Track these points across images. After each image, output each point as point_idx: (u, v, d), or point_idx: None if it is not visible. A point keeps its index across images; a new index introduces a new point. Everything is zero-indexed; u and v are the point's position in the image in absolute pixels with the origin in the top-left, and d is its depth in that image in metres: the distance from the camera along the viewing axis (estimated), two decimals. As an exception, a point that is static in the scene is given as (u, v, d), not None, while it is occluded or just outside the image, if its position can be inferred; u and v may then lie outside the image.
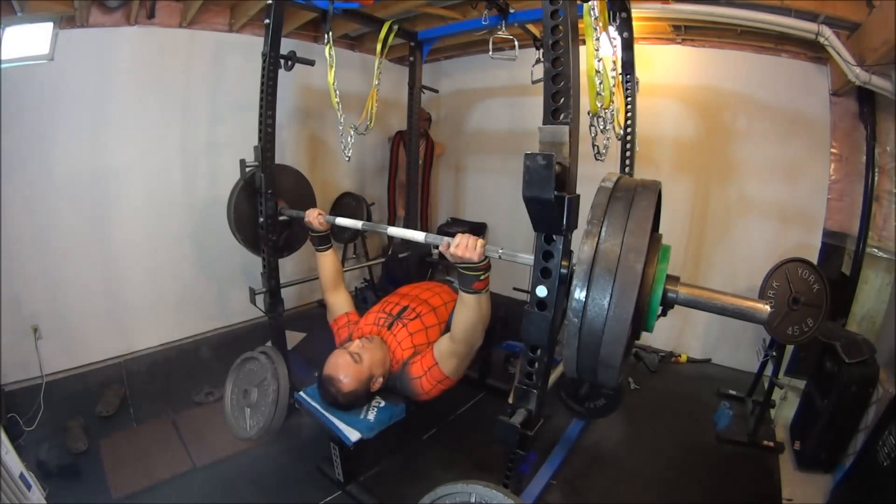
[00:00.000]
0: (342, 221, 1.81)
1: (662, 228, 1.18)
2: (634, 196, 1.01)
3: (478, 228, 4.07)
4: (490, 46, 2.04)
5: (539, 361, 1.20)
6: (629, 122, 2.07)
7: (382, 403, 1.70)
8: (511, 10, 2.00)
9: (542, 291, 1.11)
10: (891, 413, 1.72)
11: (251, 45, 2.93)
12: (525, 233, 3.68)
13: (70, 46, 2.38)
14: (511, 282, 2.67)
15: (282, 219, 2.14)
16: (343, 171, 3.90)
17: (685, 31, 2.85)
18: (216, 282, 3.28)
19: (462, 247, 1.29)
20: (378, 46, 2.22)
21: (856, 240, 2.48)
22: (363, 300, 3.63)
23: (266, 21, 1.88)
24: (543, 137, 1.04)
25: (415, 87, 2.70)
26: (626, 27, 1.90)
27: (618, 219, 0.98)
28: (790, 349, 2.44)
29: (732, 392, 2.69)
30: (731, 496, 1.98)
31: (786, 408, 2.48)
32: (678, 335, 3.23)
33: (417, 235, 1.55)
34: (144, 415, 2.34)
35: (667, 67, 2.99)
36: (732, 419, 2.38)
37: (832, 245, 2.68)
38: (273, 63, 1.92)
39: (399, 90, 3.46)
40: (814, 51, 2.52)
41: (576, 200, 1.06)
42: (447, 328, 1.75)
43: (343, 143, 2.12)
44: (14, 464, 1.49)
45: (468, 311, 1.44)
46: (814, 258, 2.60)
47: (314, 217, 1.87)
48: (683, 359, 3.15)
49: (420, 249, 3.00)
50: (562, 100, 1.03)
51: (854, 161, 2.59)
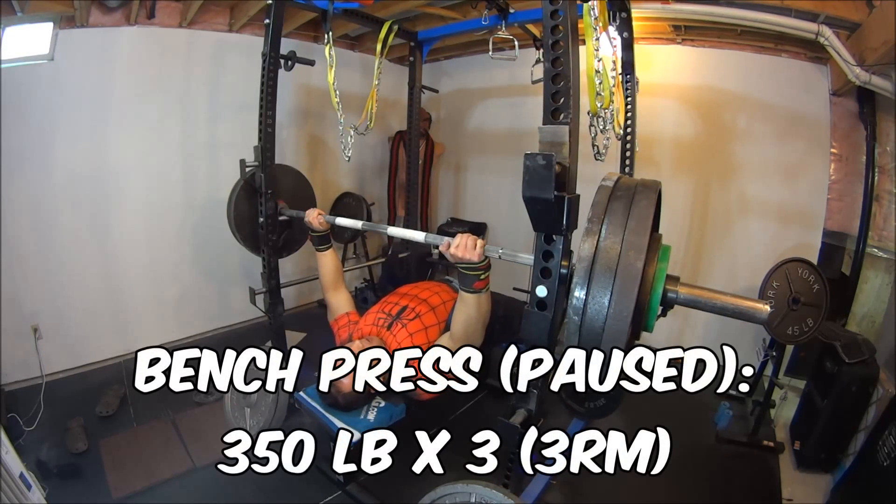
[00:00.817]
0: (342, 221, 1.81)
1: (662, 228, 1.18)
2: (634, 195, 1.01)
3: (478, 228, 4.07)
4: (490, 46, 2.05)
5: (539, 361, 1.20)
6: (629, 122, 2.07)
7: (382, 403, 1.70)
8: (511, 10, 2.00)
9: (542, 291, 1.11)
10: (891, 413, 1.72)
11: (251, 45, 2.93)
12: (525, 233, 3.68)
13: (70, 46, 2.38)
14: (511, 282, 2.67)
15: (282, 219, 2.14)
16: (343, 171, 3.90)
17: (685, 31, 2.85)
18: (216, 282, 3.28)
19: (462, 247, 1.29)
20: (378, 46, 2.22)
21: (856, 240, 2.48)
22: (363, 300, 3.63)
23: (266, 21, 1.89)
24: (543, 137, 1.04)
25: (415, 87, 2.70)
26: (626, 27, 1.90)
27: (618, 217, 0.98)
28: (790, 349, 2.43)
29: (732, 392, 2.69)
30: (731, 496, 1.98)
31: (786, 408, 2.48)
32: (678, 335, 3.23)
33: (417, 235, 1.55)
34: (144, 415, 2.34)
35: (667, 67, 2.99)
36: (732, 419, 2.38)
37: (832, 245, 2.67)
38: (273, 63, 1.92)
39: (399, 90, 3.46)
40: (814, 51, 2.52)
41: (576, 200, 1.07)
42: (447, 327, 1.74)
43: (343, 143, 2.12)
44: (14, 464, 1.49)
45: (468, 311, 1.44)
46: (814, 258, 2.60)
47: (314, 217, 1.86)
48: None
49: (420, 249, 2.99)
50: (562, 100, 1.03)
51: (854, 161, 2.59)
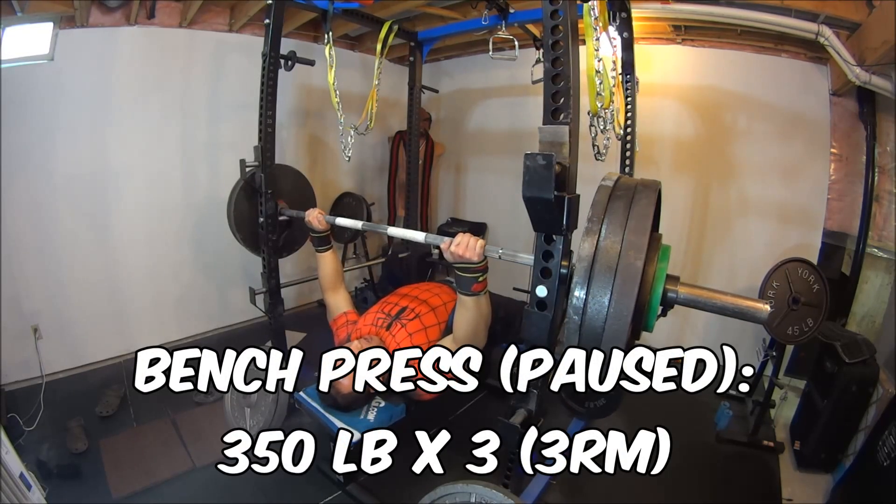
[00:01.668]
0: (342, 221, 1.80)
1: (662, 228, 1.18)
2: (634, 195, 1.00)
3: (478, 228, 4.07)
4: (490, 46, 2.04)
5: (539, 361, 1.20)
6: (629, 122, 2.07)
7: (382, 403, 1.70)
8: (511, 10, 2.00)
9: (542, 291, 1.11)
10: (891, 413, 1.72)
11: (251, 45, 2.93)
12: (525, 233, 3.69)
13: (70, 46, 2.37)
14: (511, 282, 2.66)
15: (282, 219, 2.14)
16: (343, 171, 3.90)
17: (685, 31, 2.85)
18: (216, 282, 3.28)
19: (462, 246, 1.29)
20: (378, 46, 2.22)
21: (856, 240, 2.48)
22: (363, 300, 3.63)
23: (266, 21, 1.89)
24: (543, 137, 1.04)
25: (415, 87, 2.70)
26: (626, 27, 1.90)
27: (618, 217, 0.97)
28: (790, 349, 2.44)
29: (732, 392, 2.69)
30: (731, 496, 1.98)
31: (786, 408, 2.48)
32: (678, 335, 3.23)
33: (417, 235, 1.54)
34: (144, 415, 2.34)
35: (667, 67, 2.99)
36: (732, 419, 2.38)
37: (832, 245, 2.67)
38: (273, 63, 1.92)
39: (399, 90, 3.47)
40: (814, 51, 2.52)
41: (576, 200, 1.07)
42: (447, 328, 1.74)
43: (343, 143, 2.12)
44: (14, 464, 1.49)
45: (469, 314, 1.44)
46: (814, 258, 2.60)
47: (314, 217, 1.86)
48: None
49: (420, 249, 3.00)
50: (562, 100, 1.03)
51: (854, 161, 2.59)
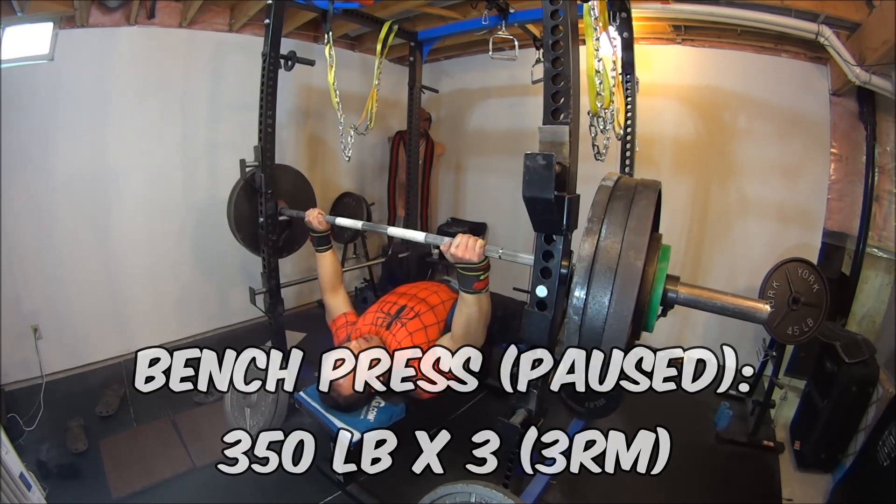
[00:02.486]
0: (342, 221, 1.80)
1: (662, 228, 1.18)
2: (635, 195, 1.01)
3: (478, 228, 4.07)
4: (490, 46, 2.05)
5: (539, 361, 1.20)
6: (629, 122, 2.07)
7: (382, 404, 1.70)
8: (511, 10, 2.00)
9: (542, 291, 1.11)
10: (891, 413, 1.72)
11: (251, 45, 2.93)
12: (525, 233, 3.69)
13: (70, 46, 2.38)
14: (511, 282, 2.66)
15: (282, 219, 2.14)
16: (343, 171, 3.90)
17: (685, 31, 2.85)
18: (216, 282, 3.28)
19: (462, 247, 1.29)
20: (378, 46, 2.22)
21: (856, 240, 2.48)
22: (363, 300, 3.63)
23: (266, 21, 1.89)
24: (543, 137, 1.04)
25: (415, 87, 2.70)
26: (626, 27, 1.90)
27: (618, 217, 0.98)
28: (790, 349, 2.43)
29: (732, 392, 2.69)
30: (731, 496, 1.98)
31: (786, 408, 2.47)
32: (678, 335, 3.23)
33: (417, 236, 1.54)
34: (144, 415, 2.34)
35: (667, 67, 2.99)
36: (732, 419, 2.38)
37: (832, 245, 2.67)
38: (273, 63, 1.92)
39: (399, 90, 3.46)
40: (814, 51, 2.52)
41: (576, 200, 1.07)
42: (446, 327, 1.74)
43: (343, 143, 2.12)
44: (14, 464, 1.49)
45: (468, 311, 1.43)
46: (814, 258, 2.60)
47: (314, 217, 1.86)
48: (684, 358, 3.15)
49: (420, 249, 3.00)
50: (562, 100, 1.03)
51: (854, 161, 2.59)
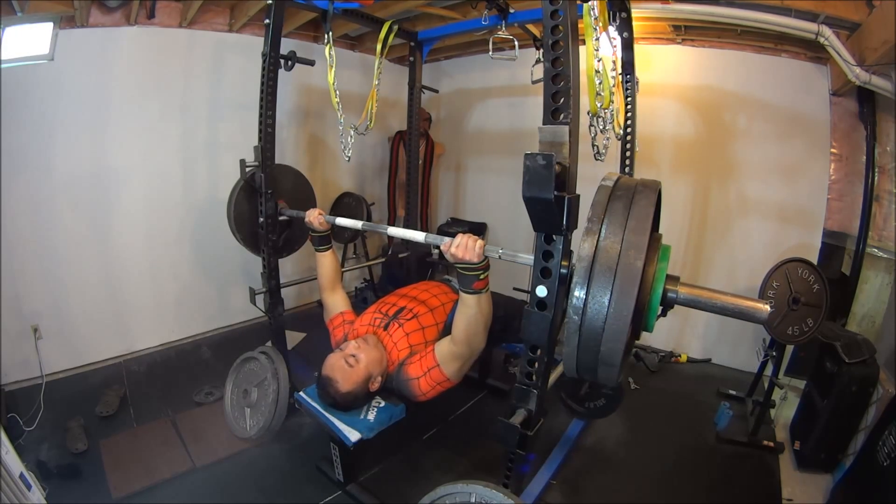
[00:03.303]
0: (342, 221, 1.81)
1: (662, 228, 1.18)
2: (634, 195, 1.01)
3: (478, 228, 4.07)
4: (490, 46, 2.04)
5: (539, 361, 1.20)
6: (629, 122, 2.07)
7: (382, 403, 1.70)
8: (511, 10, 2.00)
9: (542, 291, 1.11)
10: (891, 413, 1.72)
11: (251, 45, 2.93)
12: (525, 233, 3.69)
13: (70, 46, 2.38)
14: (511, 282, 2.67)
15: (282, 219, 2.14)
16: (343, 171, 3.90)
17: (685, 31, 2.85)
18: (216, 282, 3.28)
19: (462, 247, 1.29)
20: (378, 46, 2.22)
21: (856, 240, 2.48)
22: (363, 300, 3.63)
23: (266, 21, 1.89)
24: (543, 137, 1.04)
25: (415, 87, 2.70)
26: (626, 27, 1.90)
27: (618, 217, 0.98)
28: (790, 349, 2.44)
29: (732, 392, 2.69)
30: (731, 496, 1.98)
31: (786, 408, 2.47)
32: (678, 335, 3.23)
33: (417, 235, 1.54)
34: (144, 415, 2.34)
35: (667, 67, 2.99)
36: (732, 419, 2.38)
37: (832, 245, 2.67)
38: (273, 63, 1.92)
39: (399, 90, 3.46)
40: (814, 51, 2.52)
41: (576, 200, 1.07)
42: (446, 328, 1.74)
43: (343, 143, 2.12)
44: (14, 464, 1.49)
45: (469, 312, 1.43)
46: (814, 258, 2.60)
47: (314, 217, 1.86)
48: (683, 359, 3.15)
49: (420, 249, 3.00)
50: (562, 100, 1.03)
51: (854, 161, 2.59)
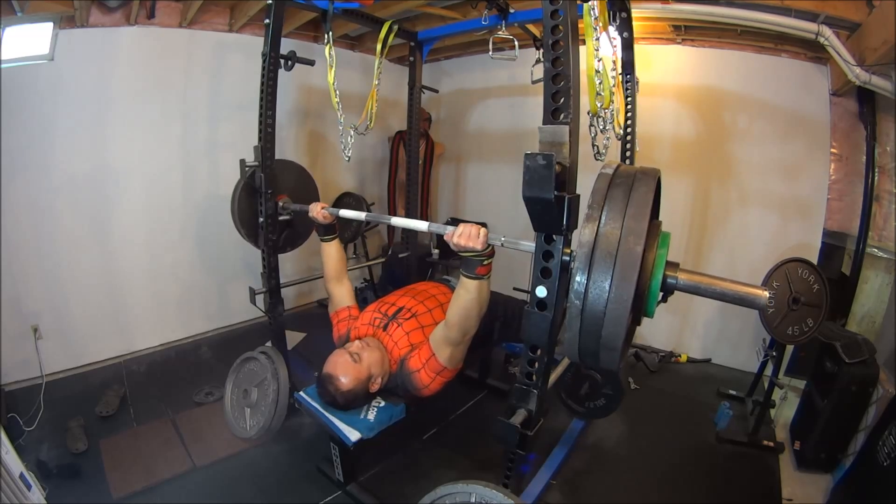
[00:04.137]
0: (346, 213, 1.83)
1: (662, 227, 1.18)
2: (634, 182, 1.00)
3: (478, 228, 4.06)
4: (490, 46, 2.04)
5: (539, 361, 1.20)
6: (629, 122, 2.07)
7: (382, 403, 1.70)
8: (511, 10, 2.00)
9: (542, 292, 1.11)
10: (891, 413, 1.72)
11: (251, 45, 2.93)
12: (525, 233, 3.68)
13: (70, 46, 2.38)
14: (511, 282, 2.67)
15: (282, 218, 2.14)
16: (343, 171, 3.90)
17: (685, 31, 2.85)
18: (216, 281, 3.28)
19: (465, 236, 1.30)
20: (378, 46, 2.22)
21: (856, 240, 2.48)
22: (363, 300, 3.63)
23: (266, 21, 1.89)
24: (543, 137, 1.04)
25: (415, 87, 2.70)
26: (626, 27, 1.90)
27: (617, 204, 0.98)
28: (790, 349, 2.43)
29: (732, 392, 2.69)
30: (731, 496, 1.98)
31: (786, 408, 2.47)
32: (678, 335, 3.23)
33: (420, 225, 1.56)
34: (144, 415, 2.34)
35: (667, 67, 2.99)
36: (732, 419, 2.38)
37: (832, 245, 2.67)
38: (273, 63, 1.92)
39: (399, 90, 3.46)
40: (814, 51, 2.52)
41: (576, 200, 1.07)
42: None
43: (343, 143, 2.12)
44: (14, 464, 1.49)
45: (467, 296, 1.41)
46: (814, 258, 2.60)
47: (318, 211, 1.88)
48: (683, 359, 3.15)
49: (420, 249, 3.00)
50: (562, 100, 1.03)
51: (854, 161, 2.59)
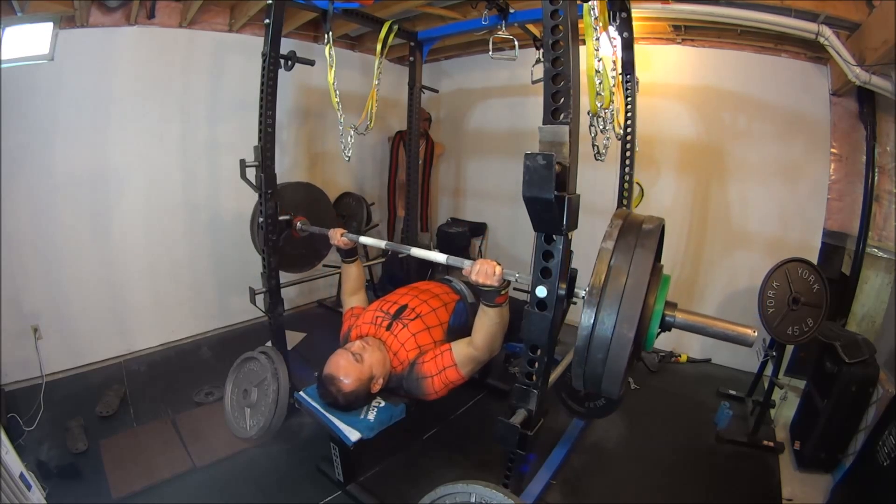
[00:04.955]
0: (366, 240, 1.88)
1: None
2: (640, 232, 1.12)
3: (478, 228, 4.07)
4: (490, 46, 2.04)
5: (539, 361, 1.20)
6: (629, 122, 2.07)
7: (382, 404, 1.70)
8: (511, 10, 2.00)
9: (542, 292, 1.11)
10: (891, 413, 1.72)
11: (251, 45, 2.93)
12: (525, 232, 3.68)
13: (70, 46, 2.38)
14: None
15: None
16: (343, 171, 3.90)
17: (685, 31, 2.85)
18: (216, 281, 3.27)
19: (482, 274, 1.38)
20: (378, 46, 2.22)
21: (856, 240, 2.48)
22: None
23: (266, 21, 1.89)
24: (543, 137, 1.04)
25: (415, 87, 2.70)
26: (626, 27, 1.90)
27: (625, 252, 1.09)
28: (790, 349, 2.43)
29: (732, 392, 2.69)
30: (731, 496, 1.98)
31: (786, 408, 2.47)
32: (678, 335, 3.18)
33: (439, 257, 1.60)
34: (144, 415, 2.34)
35: (667, 67, 2.99)
36: (732, 419, 2.38)
37: (832, 245, 2.67)
38: (273, 63, 1.92)
39: (399, 90, 3.46)
40: (814, 51, 2.52)
41: (576, 200, 1.07)
42: (449, 328, 1.77)
43: (343, 143, 2.12)
44: (14, 464, 1.49)
45: (490, 322, 1.52)
46: (814, 258, 2.60)
47: (338, 239, 1.95)
48: (684, 359, 3.15)
49: (420, 249, 2.99)
50: (562, 100, 1.03)
51: (854, 161, 2.59)
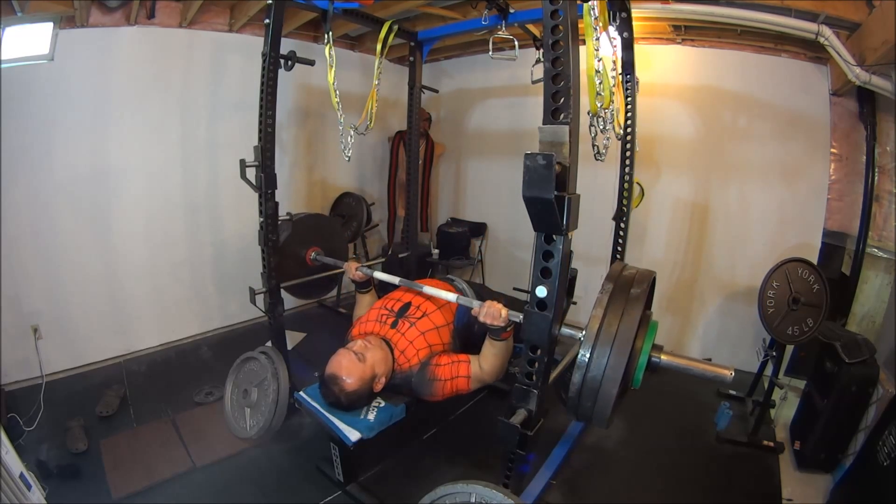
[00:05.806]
0: (380, 276, 1.94)
1: (662, 230, 1.21)
2: (632, 285, 1.32)
3: (478, 228, 4.07)
4: (490, 46, 2.05)
5: (539, 361, 1.20)
6: (629, 122, 2.07)
7: (382, 403, 1.70)
8: (511, 10, 2.00)
9: (542, 292, 1.11)
10: (891, 413, 1.72)
11: (251, 45, 2.93)
12: (525, 232, 3.69)
13: (70, 46, 2.38)
14: (511, 282, 2.67)
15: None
16: (343, 171, 3.90)
17: (685, 31, 2.85)
18: (216, 281, 3.27)
19: (490, 316, 1.47)
20: (378, 46, 2.22)
21: (856, 240, 2.48)
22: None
23: (266, 21, 1.89)
24: (543, 137, 1.04)
25: (415, 87, 2.70)
26: (626, 27, 1.90)
27: (618, 302, 1.28)
28: (790, 349, 2.43)
29: (732, 392, 2.69)
30: (731, 496, 1.98)
31: (786, 408, 2.47)
32: (678, 335, 3.23)
33: (449, 296, 1.66)
34: (144, 415, 2.34)
35: (667, 67, 2.99)
36: (732, 419, 2.38)
37: (832, 245, 2.67)
38: (273, 63, 1.92)
39: (399, 90, 3.47)
40: (814, 51, 2.52)
41: (576, 200, 1.07)
42: (455, 329, 1.78)
43: (343, 143, 2.12)
44: (14, 464, 1.49)
45: (496, 352, 1.58)
46: (814, 258, 2.60)
47: (353, 272, 2.00)
48: (683, 359, 3.15)
49: (420, 250, 3.00)
50: (562, 100, 1.03)
51: (854, 161, 2.59)
